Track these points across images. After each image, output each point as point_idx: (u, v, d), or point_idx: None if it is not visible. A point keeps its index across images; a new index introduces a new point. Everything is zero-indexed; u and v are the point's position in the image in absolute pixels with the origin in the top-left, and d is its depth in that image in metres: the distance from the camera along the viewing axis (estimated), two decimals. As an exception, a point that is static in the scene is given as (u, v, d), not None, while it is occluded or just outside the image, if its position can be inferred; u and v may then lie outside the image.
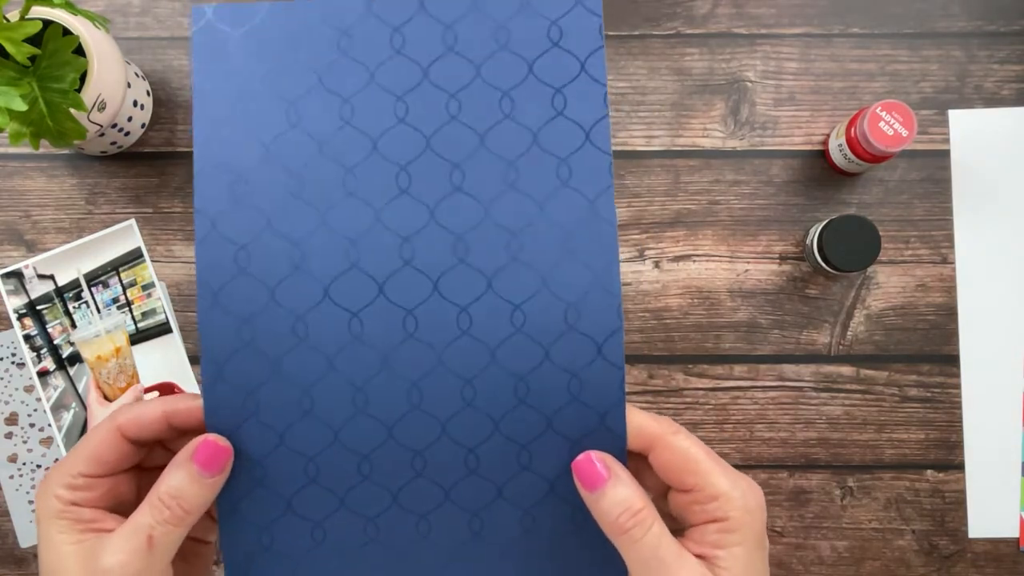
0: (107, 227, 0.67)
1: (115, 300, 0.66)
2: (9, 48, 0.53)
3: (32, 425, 0.67)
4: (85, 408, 0.66)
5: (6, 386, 0.67)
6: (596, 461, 0.35)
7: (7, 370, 0.67)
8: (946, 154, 0.67)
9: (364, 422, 0.36)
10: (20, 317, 0.66)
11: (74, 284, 0.66)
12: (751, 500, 0.33)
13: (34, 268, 0.66)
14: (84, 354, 0.66)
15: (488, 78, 0.37)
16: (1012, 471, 0.65)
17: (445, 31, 0.37)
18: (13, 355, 0.67)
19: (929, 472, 0.66)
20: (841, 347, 0.66)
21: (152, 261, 0.67)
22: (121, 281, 0.66)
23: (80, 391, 0.66)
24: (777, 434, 0.66)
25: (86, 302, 0.66)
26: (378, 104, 0.36)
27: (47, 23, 0.57)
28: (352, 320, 0.36)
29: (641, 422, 0.35)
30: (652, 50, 0.68)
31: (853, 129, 0.62)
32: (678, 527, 0.35)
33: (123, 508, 0.35)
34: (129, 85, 0.62)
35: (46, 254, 0.67)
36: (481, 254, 0.36)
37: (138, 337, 0.66)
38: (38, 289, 0.66)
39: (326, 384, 0.36)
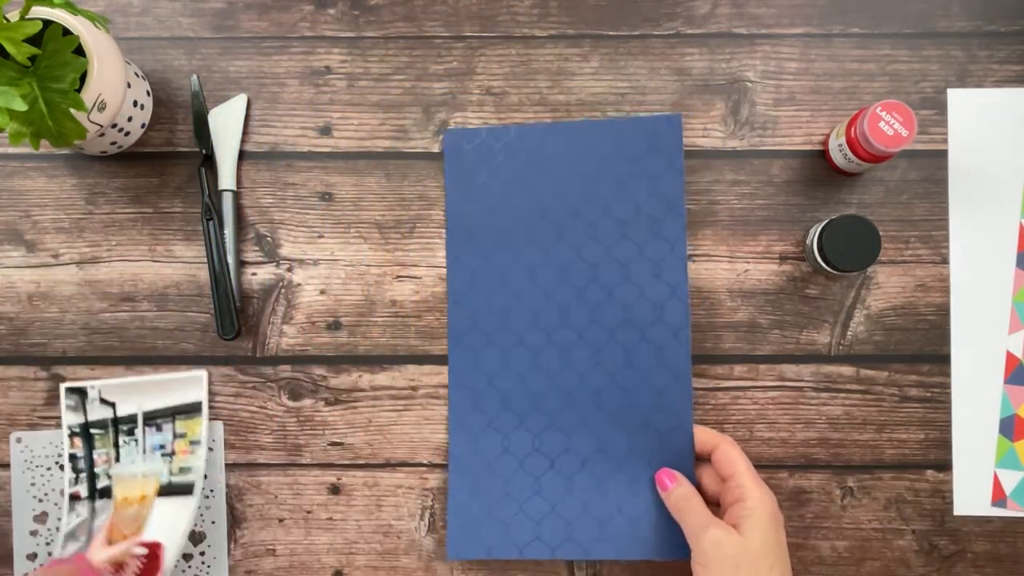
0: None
1: (162, 446, 0.65)
2: (9, 48, 0.53)
3: (59, 530, 0.66)
4: (89, 542, 0.63)
5: (45, 483, 0.66)
6: (665, 476, 0.62)
7: (49, 468, 0.67)
8: (946, 154, 0.67)
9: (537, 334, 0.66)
10: (72, 435, 0.66)
11: (131, 419, 0.66)
12: (765, 492, 0.58)
13: (99, 391, 0.66)
14: (115, 490, 0.65)
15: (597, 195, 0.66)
16: (989, 458, 0.65)
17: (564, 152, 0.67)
18: (59, 456, 0.66)
19: (929, 472, 0.66)
20: (841, 347, 0.66)
21: (153, 260, 0.67)
22: (174, 429, 0.66)
23: (93, 526, 0.64)
24: (777, 434, 0.66)
25: (136, 440, 0.65)
26: (553, 187, 0.66)
27: (47, 23, 0.57)
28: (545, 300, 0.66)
29: (705, 436, 0.63)
30: (652, 50, 0.68)
31: (853, 129, 0.62)
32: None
33: None
34: (129, 85, 0.62)
35: (113, 380, 0.66)
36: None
37: (165, 490, 0.64)
38: (97, 413, 0.66)
39: (518, 307, 0.66)
